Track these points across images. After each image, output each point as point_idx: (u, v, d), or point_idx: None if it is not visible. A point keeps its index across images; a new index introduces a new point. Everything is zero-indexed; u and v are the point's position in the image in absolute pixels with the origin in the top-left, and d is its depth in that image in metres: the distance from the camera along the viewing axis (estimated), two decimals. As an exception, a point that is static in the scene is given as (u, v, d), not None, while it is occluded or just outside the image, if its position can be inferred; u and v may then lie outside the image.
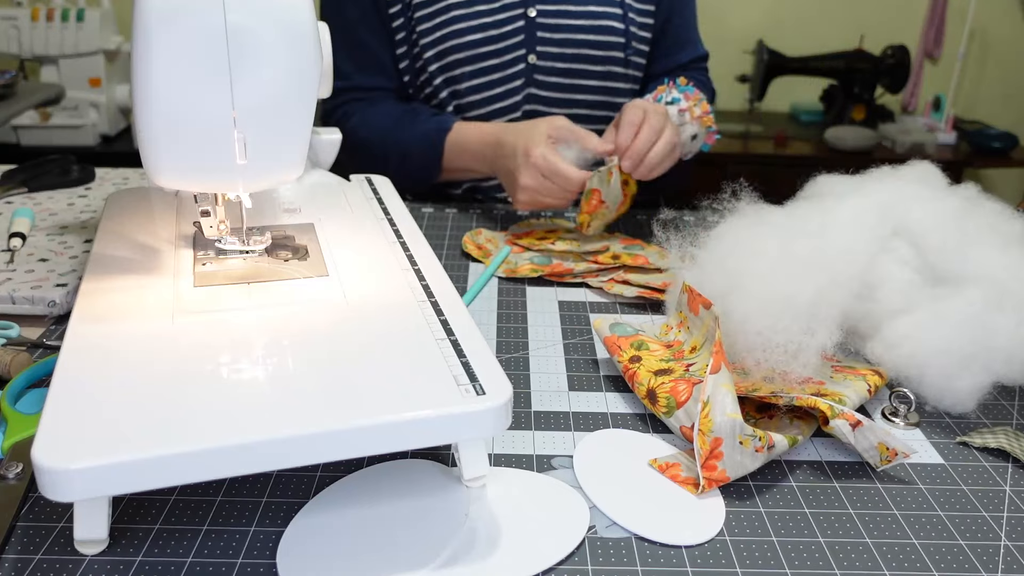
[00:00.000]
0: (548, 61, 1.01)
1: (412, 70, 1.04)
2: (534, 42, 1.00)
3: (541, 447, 0.55)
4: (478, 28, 0.99)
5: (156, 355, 0.47)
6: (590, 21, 1.01)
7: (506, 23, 0.99)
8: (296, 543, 0.46)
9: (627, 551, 0.47)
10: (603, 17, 1.01)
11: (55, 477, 0.38)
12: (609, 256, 0.83)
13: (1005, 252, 0.64)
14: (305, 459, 0.42)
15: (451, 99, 1.03)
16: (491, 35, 0.99)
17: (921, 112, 2.31)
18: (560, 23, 1.00)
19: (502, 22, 0.99)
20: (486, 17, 0.99)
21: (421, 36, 1.00)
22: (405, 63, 1.04)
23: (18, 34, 1.82)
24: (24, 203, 0.91)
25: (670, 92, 0.93)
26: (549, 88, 1.02)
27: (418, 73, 1.03)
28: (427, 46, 1.00)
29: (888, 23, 2.28)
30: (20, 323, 0.67)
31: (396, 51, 1.04)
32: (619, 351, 0.63)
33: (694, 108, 0.92)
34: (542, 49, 1.01)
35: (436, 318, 0.53)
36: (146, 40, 0.48)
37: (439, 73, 1.01)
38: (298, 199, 0.72)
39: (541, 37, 1.00)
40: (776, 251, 0.61)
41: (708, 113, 0.95)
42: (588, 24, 1.01)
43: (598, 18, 1.01)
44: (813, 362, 0.58)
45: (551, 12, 1.00)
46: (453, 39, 0.99)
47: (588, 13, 1.01)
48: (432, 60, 1.01)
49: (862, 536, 0.49)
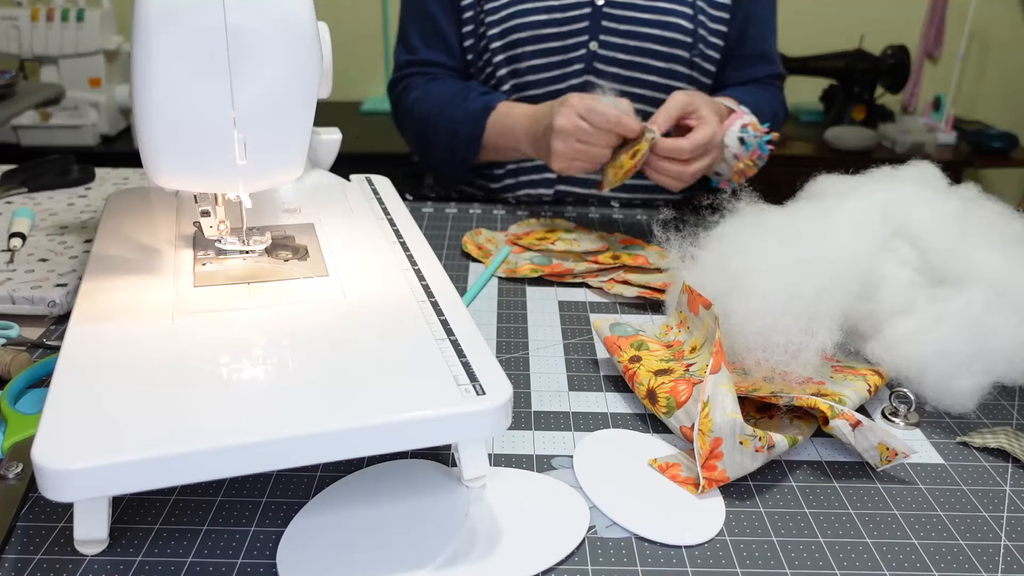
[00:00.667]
0: (610, 51, 1.01)
1: (476, 49, 1.05)
2: (598, 30, 1.01)
3: (541, 447, 0.55)
4: (543, 10, 1.00)
5: (156, 355, 0.47)
6: (657, 16, 1.00)
7: (572, 8, 1.00)
8: (296, 543, 0.46)
9: (627, 551, 0.47)
10: (672, 14, 1.01)
11: (55, 477, 0.38)
12: (609, 256, 0.83)
13: (1005, 252, 0.64)
14: (305, 459, 0.42)
15: (510, 78, 1.04)
16: (556, 18, 1.00)
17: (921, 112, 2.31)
18: (626, 14, 1.00)
19: (568, 7, 1.00)
20: (553, 0, 1.00)
21: (488, 15, 1.02)
22: (470, 42, 1.05)
23: (18, 34, 1.82)
24: (24, 203, 0.91)
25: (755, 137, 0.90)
26: (608, 78, 1.01)
27: (481, 53, 1.05)
28: (492, 24, 1.02)
29: (888, 23, 2.28)
30: (20, 323, 0.67)
31: (463, 29, 1.05)
32: (619, 351, 0.63)
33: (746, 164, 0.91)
34: (605, 38, 1.01)
35: (436, 318, 0.53)
36: (146, 40, 0.48)
37: (501, 52, 1.03)
38: (298, 199, 0.72)
39: (605, 26, 1.00)
40: (776, 251, 0.61)
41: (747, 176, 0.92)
42: (655, 19, 1.00)
43: (666, 14, 1.01)
44: (813, 362, 0.58)
45: (619, 3, 1.00)
46: (518, 18, 1.01)
47: (656, 8, 1.00)
48: (495, 38, 1.02)
49: (862, 536, 0.49)
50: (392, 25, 2.28)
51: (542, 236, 0.89)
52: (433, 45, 1.07)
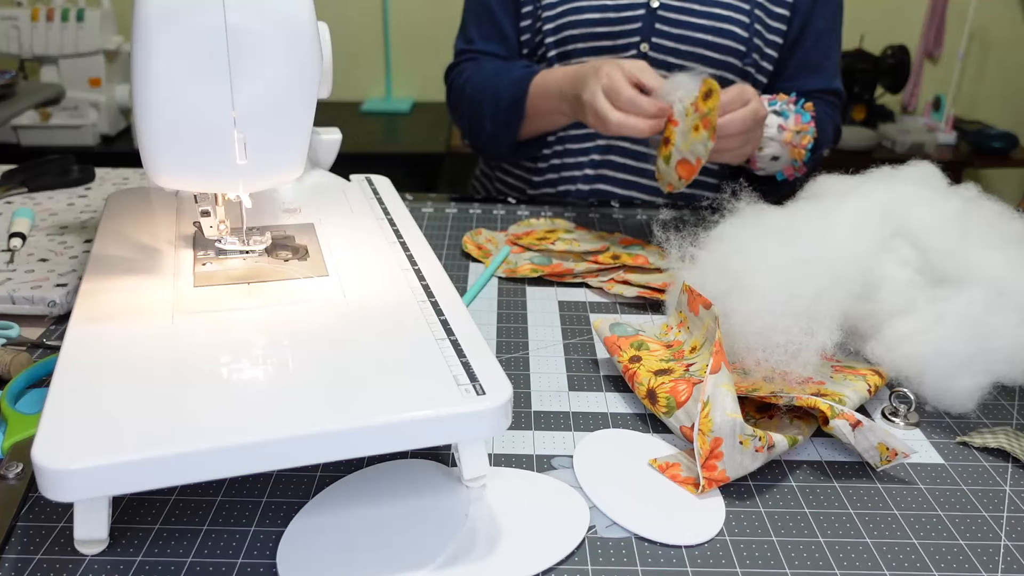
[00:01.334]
0: (661, 54, 1.01)
1: (531, 44, 1.07)
2: (651, 32, 1.00)
3: (541, 447, 0.55)
4: (599, 8, 1.01)
5: (156, 355, 0.47)
6: (712, 22, 1.00)
7: (626, 8, 1.01)
8: (296, 543, 0.46)
9: (627, 551, 0.47)
10: (727, 21, 1.00)
11: (55, 477, 0.38)
12: (609, 256, 0.83)
13: (1005, 252, 0.64)
14: (305, 459, 0.42)
15: None
16: (609, 17, 1.01)
17: (921, 112, 2.32)
18: (680, 18, 1.00)
19: (623, 7, 1.01)
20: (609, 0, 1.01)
21: (544, 10, 1.03)
22: (526, 36, 1.07)
23: (18, 34, 1.83)
24: (24, 203, 0.91)
25: (786, 105, 0.89)
26: None
27: (536, 48, 1.06)
28: (547, 20, 1.03)
29: (888, 23, 2.29)
30: (20, 323, 0.67)
31: (520, 23, 1.06)
32: (619, 351, 0.63)
33: (795, 134, 0.88)
34: (657, 41, 1.00)
35: (436, 318, 0.53)
36: (146, 40, 0.48)
37: (554, 47, 1.04)
38: (298, 199, 0.72)
39: (659, 29, 1.00)
40: (776, 251, 0.61)
41: (805, 148, 0.90)
42: (709, 24, 1.00)
43: (722, 20, 1.00)
44: (813, 362, 0.58)
45: (673, 6, 1.00)
46: (572, 15, 1.02)
47: (712, 14, 1.00)
48: (549, 34, 1.03)
49: (862, 536, 0.49)
50: (392, 25, 2.28)
51: (542, 236, 0.89)
52: (489, 36, 1.09)
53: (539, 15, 1.04)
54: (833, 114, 1.08)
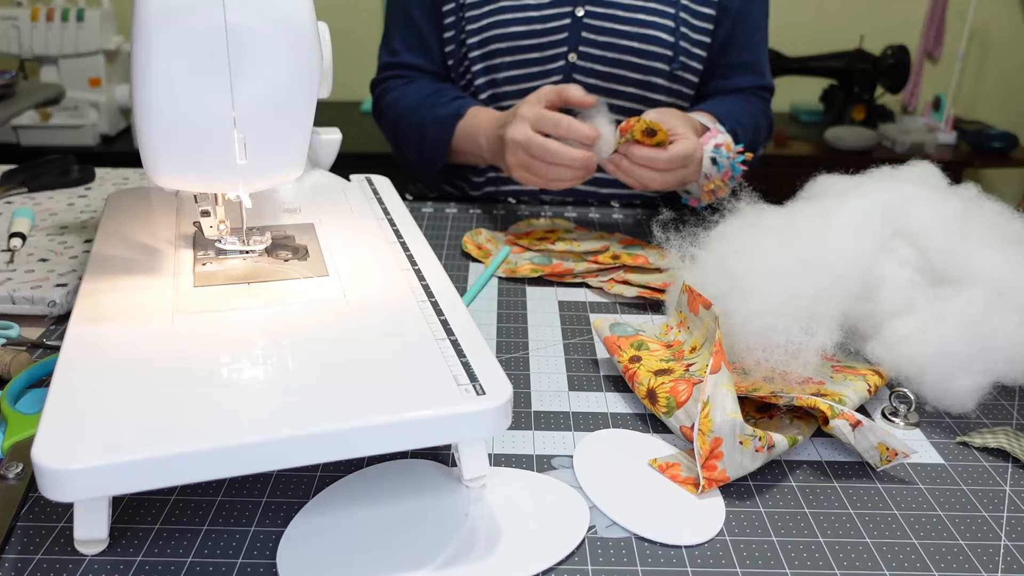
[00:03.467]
0: (588, 62, 1.01)
1: (456, 55, 1.05)
2: (577, 41, 1.00)
3: (541, 447, 0.55)
4: (524, 20, 1.00)
5: (156, 355, 0.47)
6: (638, 28, 1.00)
7: (552, 19, 1.00)
8: (296, 543, 0.46)
9: (627, 551, 0.47)
10: (652, 27, 1.00)
11: (55, 477, 0.38)
12: (609, 256, 0.83)
13: (1005, 252, 0.64)
14: (305, 459, 0.42)
15: (488, 87, 1.04)
16: (535, 29, 1.00)
17: (921, 112, 2.32)
18: (606, 26, 1.00)
19: (548, 17, 1.00)
20: (533, 11, 1.00)
21: (468, 23, 1.02)
22: (451, 47, 1.05)
23: (18, 34, 1.82)
24: (24, 203, 0.91)
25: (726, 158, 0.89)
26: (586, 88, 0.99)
27: (461, 60, 1.05)
28: (472, 32, 1.01)
29: (888, 23, 2.29)
30: (20, 323, 0.67)
31: (444, 35, 1.05)
32: (619, 351, 0.63)
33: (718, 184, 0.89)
34: (584, 49, 1.00)
35: (436, 318, 0.53)
36: (146, 40, 0.48)
37: (480, 60, 1.03)
38: (298, 199, 0.72)
39: (585, 37, 1.00)
40: (776, 251, 0.61)
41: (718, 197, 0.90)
42: (635, 31, 1.00)
43: (646, 26, 1.00)
44: (813, 362, 0.58)
45: (599, 14, 1.00)
46: (498, 28, 1.00)
47: (637, 20, 1.00)
48: (474, 47, 1.02)
49: (862, 536, 0.49)
50: (392, 25, 2.28)
51: (542, 236, 0.89)
52: (414, 49, 1.07)
53: (463, 27, 1.02)
54: (767, 111, 1.10)
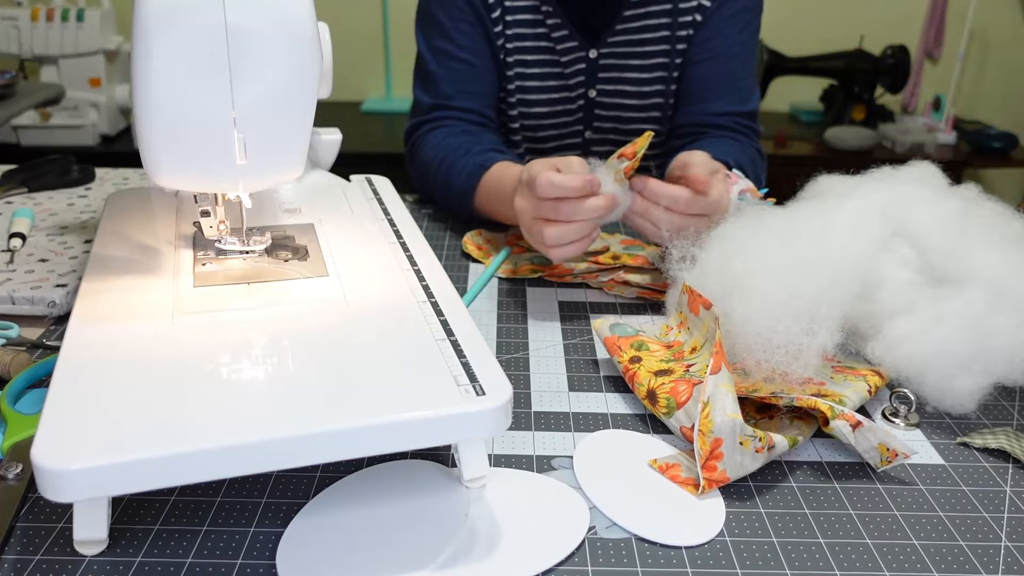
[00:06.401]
0: (600, 134, 1.08)
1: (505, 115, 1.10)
2: (592, 119, 1.07)
3: (541, 447, 0.55)
4: (546, 103, 1.06)
5: (156, 355, 0.47)
6: (640, 100, 1.05)
7: (572, 100, 1.06)
8: (296, 543, 0.46)
9: (627, 551, 0.47)
10: (652, 96, 1.05)
11: (55, 477, 0.38)
12: (609, 256, 0.83)
13: (1005, 252, 0.64)
14: (305, 459, 0.42)
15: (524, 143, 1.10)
16: (556, 110, 1.07)
17: (921, 112, 2.31)
18: (615, 102, 1.05)
19: (569, 99, 1.06)
20: (554, 93, 1.05)
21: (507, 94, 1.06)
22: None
23: (18, 34, 1.82)
24: (24, 203, 0.91)
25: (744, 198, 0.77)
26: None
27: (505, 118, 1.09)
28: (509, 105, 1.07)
29: (888, 23, 2.29)
30: (20, 323, 0.67)
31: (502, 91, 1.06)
32: (619, 352, 0.63)
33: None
34: (598, 125, 1.08)
35: (436, 318, 0.53)
36: (146, 40, 0.48)
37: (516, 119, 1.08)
38: (298, 199, 0.72)
39: (598, 114, 1.06)
40: (776, 251, 0.61)
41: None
42: (638, 103, 1.05)
43: (648, 97, 1.05)
44: (813, 363, 0.58)
45: (609, 92, 1.05)
46: (523, 107, 1.06)
47: (639, 93, 1.04)
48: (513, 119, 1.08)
49: (862, 537, 0.49)
50: (392, 25, 2.28)
51: (542, 236, 0.89)
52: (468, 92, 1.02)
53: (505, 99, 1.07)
54: (758, 146, 1.05)
